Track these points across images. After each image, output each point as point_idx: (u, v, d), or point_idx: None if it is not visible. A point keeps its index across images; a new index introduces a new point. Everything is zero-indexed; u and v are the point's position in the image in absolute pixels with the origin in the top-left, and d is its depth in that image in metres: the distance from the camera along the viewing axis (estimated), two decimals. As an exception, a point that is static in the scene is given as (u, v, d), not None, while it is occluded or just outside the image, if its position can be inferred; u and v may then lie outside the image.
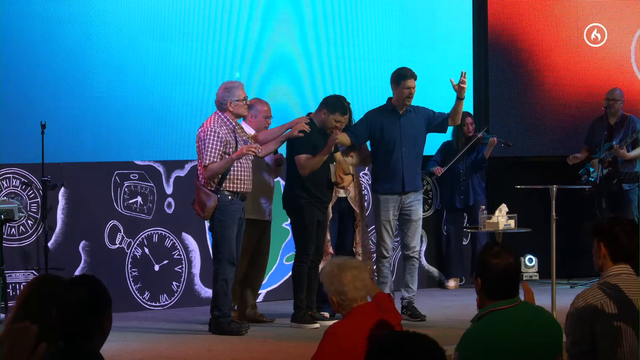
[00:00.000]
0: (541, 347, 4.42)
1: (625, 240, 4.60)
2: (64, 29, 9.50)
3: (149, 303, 9.81)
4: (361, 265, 5.06)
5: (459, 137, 11.04)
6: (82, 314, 3.56)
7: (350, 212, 9.23)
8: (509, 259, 4.43)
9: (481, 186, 11.20)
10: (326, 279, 4.98)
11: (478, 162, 11.10)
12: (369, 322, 4.73)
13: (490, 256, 4.42)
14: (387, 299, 5.19)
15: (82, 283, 3.66)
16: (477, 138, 10.92)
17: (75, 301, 3.54)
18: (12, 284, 9.15)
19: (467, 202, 11.13)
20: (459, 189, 11.18)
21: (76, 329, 3.53)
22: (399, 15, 11.24)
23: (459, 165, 11.11)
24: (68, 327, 3.52)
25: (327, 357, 4.72)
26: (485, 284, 4.42)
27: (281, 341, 8.16)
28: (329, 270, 4.98)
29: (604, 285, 4.52)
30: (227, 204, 8.37)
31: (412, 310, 9.18)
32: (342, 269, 4.93)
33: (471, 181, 11.14)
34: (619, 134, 11.08)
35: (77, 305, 3.54)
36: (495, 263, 4.40)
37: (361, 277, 4.93)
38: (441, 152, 11.09)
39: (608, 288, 4.49)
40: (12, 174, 9.28)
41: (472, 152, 11.11)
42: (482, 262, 4.45)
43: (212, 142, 8.31)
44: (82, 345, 3.58)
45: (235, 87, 8.48)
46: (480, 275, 4.44)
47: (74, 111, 9.54)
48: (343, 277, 4.90)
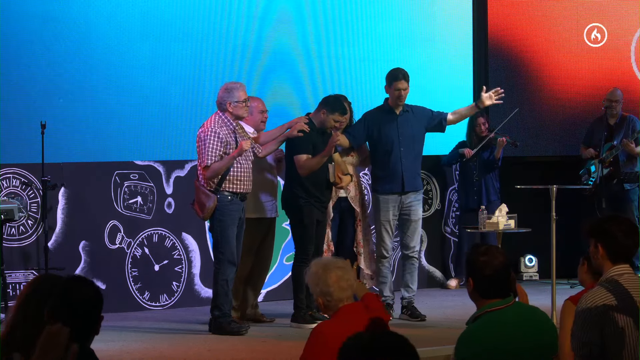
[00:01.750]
0: (537, 346, 4.42)
1: (623, 239, 4.55)
2: (64, 29, 9.50)
3: (149, 303, 9.81)
4: (346, 265, 5.00)
5: (472, 137, 11.05)
6: (93, 312, 3.59)
7: (351, 211, 9.23)
8: (499, 257, 4.42)
9: (495, 186, 11.15)
10: (311, 280, 4.93)
11: (490, 162, 11.08)
12: (356, 321, 4.71)
13: (478, 255, 4.41)
14: (376, 299, 5.16)
15: (85, 282, 3.68)
16: (489, 138, 10.93)
17: (88, 299, 3.58)
18: (12, 284, 9.15)
19: (480, 203, 11.09)
20: (472, 190, 11.16)
21: (87, 327, 3.58)
22: (399, 15, 11.23)
23: (472, 166, 11.11)
24: (82, 325, 3.56)
25: (314, 357, 4.70)
26: (477, 284, 4.41)
27: (281, 341, 8.16)
28: (314, 271, 4.93)
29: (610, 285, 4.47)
30: (227, 204, 8.38)
31: (412, 310, 9.18)
32: (327, 269, 4.89)
33: (484, 181, 11.12)
34: (619, 134, 11.08)
35: (89, 303, 3.58)
36: (484, 262, 4.39)
37: (346, 277, 4.89)
38: (456, 151, 11.08)
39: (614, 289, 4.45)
40: (12, 174, 9.28)
41: (484, 152, 11.10)
42: (471, 262, 4.44)
43: (212, 142, 8.31)
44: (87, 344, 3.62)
45: (236, 88, 8.47)
46: (471, 275, 4.43)
47: (74, 111, 9.53)
48: (328, 278, 4.86)
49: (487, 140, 10.94)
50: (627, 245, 4.54)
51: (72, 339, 3.01)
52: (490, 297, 4.41)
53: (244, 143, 8.30)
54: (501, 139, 10.87)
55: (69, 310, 3.47)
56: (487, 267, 4.38)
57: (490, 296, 4.41)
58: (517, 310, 4.45)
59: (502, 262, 4.43)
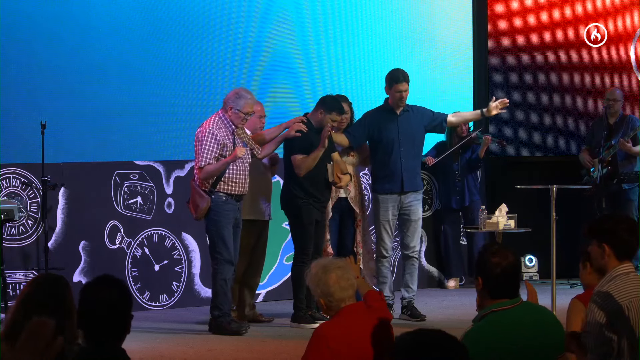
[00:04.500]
0: (543, 346, 4.41)
1: (627, 236, 4.58)
2: (64, 29, 9.50)
3: (149, 303, 9.81)
4: (345, 264, 4.99)
5: (453, 137, 11.04)
6: (115, 314, 3.68)
7: (351, 211, 9.22)
8: (510, 257, 4.42)
9: (476, 186, 11.19)
10: (312, 282, 4.93)
11: (473, 162, 11.10)
12: (358, 322, 4.71)
13: (490, 255, 4.41)
14: (378, 297, 5.15)
15: (110, 284, 3.73)
16: (470, 137, 10.91)
17: (109, 301, 3.62)
18: (12, 284, 9.15)
19: (462, 203, 11.13)
20: (454, 190, 11.18)
21: (107, 329, 3.60)
22: (399, 15, 11.24)
23: (454, 166, 11.11)
24: (100, 326, 3.60)
25: (316, 357, 4.70)
26: (487, 284, 4.41)
27: (281, 341, 8.16)
28: (314, 272, 4.93)
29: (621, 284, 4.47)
30: (221, 204, 8.38)
31: (412, 310, 9.18)
32: (326, 270, 4.89)
33: (466, 181, 11.15)
34: (618, 133, 11.07)
35: (110, 305, 3.61)
36: (495, 262, 4.39)
37: (346, 277, 4.88)
38: (434, 150, 11.10)
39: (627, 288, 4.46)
40: (12, 174, 9.28)
41: (466, 152, 11.11)
42: (482, 261, 4.43)
43: (209, 143, 8.32)
44: (107, 345, 3.65)
45: (245, 98, 8.43)
46: (481, 274, 4.43)
47: (74, 111, 9.53)
48: (328, 279, 4.85)
49: (466, 140, 10.92)
50: (630, 242, 4.57)
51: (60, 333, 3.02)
52: (498, 297, 4.40)
53: (239, 150, 8.30)
54: (486, 138, 10.87)
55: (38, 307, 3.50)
56: (498, 268, 4.37)
57: (498, 296, 4.40)
58: (525, 310, 4.44)
59: (513, 263, 4.43)
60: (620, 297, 4.43)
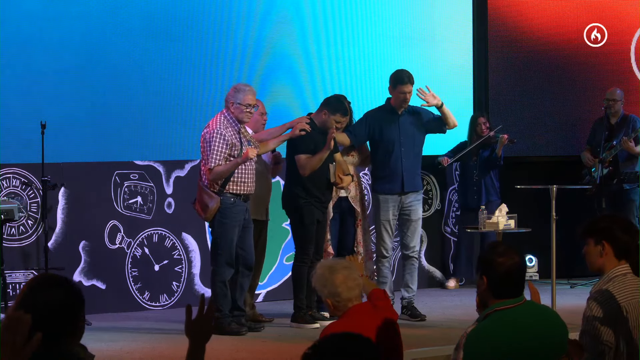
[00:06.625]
0: (546, 346, 4.41)
1: (624, 235, 4.59)
2: (64, 28, 9.50)
3: (149, 303, 9.81)
4: (351, 264, 5.03)
5: (473, 137, 11.06)
6: (63, 314, 3.53)
7: (351, 211, 9.22)
8: (515, 257, 4.41)
9: (494, 186, 11.15)
10: (318, 283, 4.96)
11: (492, 161, 11.08)
12: (365, 321, 4.72)
13: (495, 255, 4.40)
14: (383, 296, 5.17)
15: (58, 284, 3.61)
16: (488, 136, 10.93)
17: (57, 301, 3.51)
18: (12, 284, 9.15)
19: (479, 202, 11.09)
20: (472, 189, 11.17)
21: (57, 330, 3.50)
22: (399, 15, 11.23)
23: (472, 165, 11.11)
24: (49, 328, 3.49)
25: None
26: (491, 283, 4.40)
27: (281, 341, 8.16)
28: (320, 273, 4.96)
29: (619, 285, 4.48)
30: (229, 206, 8.35)
31: (412, 310, 9.18)
32: (333, 271, 4.92)
33: (484, 181, 11.13)
34: (620, 133, 11.07)
35: (59, 305, 3.51)
36: (501, 262, 4.38)
37: (352, 277, 4.91)
38: (452, 150, 11.08)
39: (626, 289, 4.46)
40: (12, 174, 9.28)
41: (485, 151, 11.10)
42: (487, 261, 4.42)
43: (218, 144, 8.26)
44: (61, 346, 3.55)
45: (244, 91, 8.42)
46: (486, 274, 4.42)
47: (74, 111, 9.53)
48: (335, 279, 4.88)
49: (483, 139, 10.94)
50: (627, 241, 4.58)
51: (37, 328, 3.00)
52: (502, 296, 4.40)
53: (250, 151, 8.26)
54: (502, 137, 10.90)
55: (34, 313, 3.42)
56: (503, 267, 4.37)
57: (502, 296, 4.40)
58: (528, 309, 4.44)
59: (518, 263, 4.42)
60: (619, 298, 4.44)
